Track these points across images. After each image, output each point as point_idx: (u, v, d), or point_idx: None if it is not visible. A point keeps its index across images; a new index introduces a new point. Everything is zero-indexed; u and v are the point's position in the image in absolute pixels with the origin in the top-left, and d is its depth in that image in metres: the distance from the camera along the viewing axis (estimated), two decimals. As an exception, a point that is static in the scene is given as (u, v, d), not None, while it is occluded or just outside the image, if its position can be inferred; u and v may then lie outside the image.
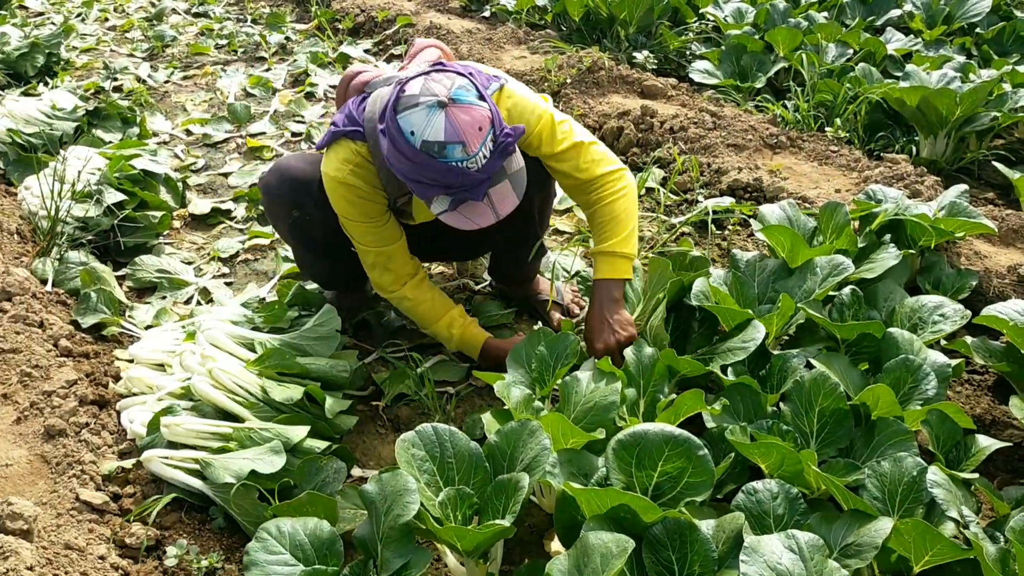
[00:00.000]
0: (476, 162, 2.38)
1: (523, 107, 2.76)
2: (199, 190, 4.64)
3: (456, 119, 2.35)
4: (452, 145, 2.34)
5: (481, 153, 2.38)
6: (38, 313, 3.12)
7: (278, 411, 2.64)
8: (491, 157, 2.42)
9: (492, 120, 2.42)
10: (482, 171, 2.41)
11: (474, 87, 2.44)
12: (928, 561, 1.93)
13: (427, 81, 2.41)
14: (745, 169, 4.28)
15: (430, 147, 2.36)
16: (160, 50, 7.18)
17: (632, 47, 6.46)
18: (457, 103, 2.36)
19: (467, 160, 2.37)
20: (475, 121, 2.37)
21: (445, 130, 2.34)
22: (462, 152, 2.35)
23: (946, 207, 3.33)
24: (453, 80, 2.42)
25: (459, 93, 2.38)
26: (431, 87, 2.39)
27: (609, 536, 1.80)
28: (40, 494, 2.37)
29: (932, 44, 5.79)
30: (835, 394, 2.37)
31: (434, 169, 2.39)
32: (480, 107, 2.40)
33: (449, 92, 2.37)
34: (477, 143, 2.37)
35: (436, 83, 2.40)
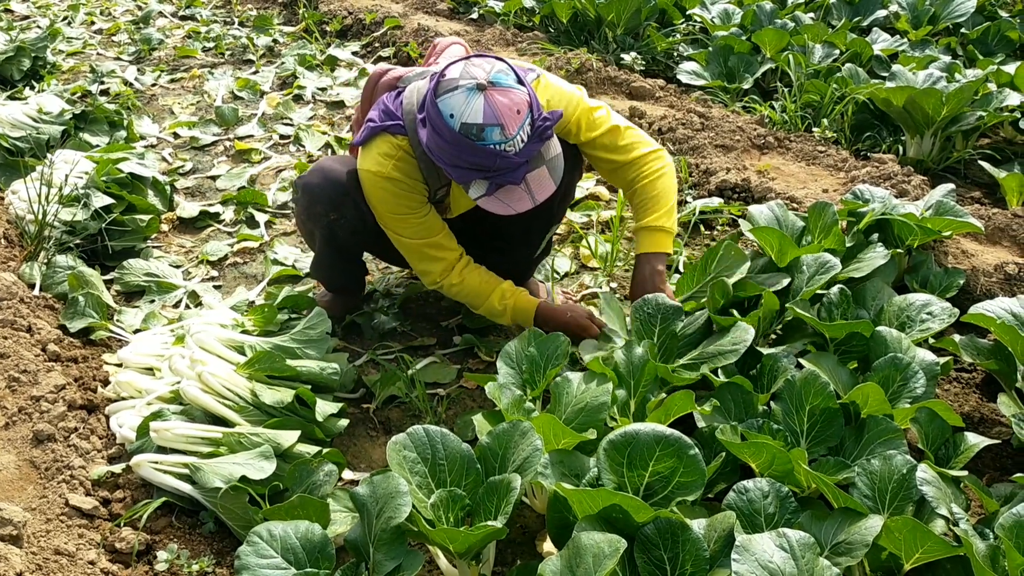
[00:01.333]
0: (514, 145, 2.42)
1: (560, 95, 2.83)
2: (187, 193, 4.62)
3: (495, 102, 2.39)
4: (491, 127, 2.39)
5: (519, 136, 2.42)
6: (26, 318, 3.10)
7: (268, 415, 2.63)
8: (529, 141, 2.46)
9: (531, 104, 2.46)
10: (520, 155, 2.46)
11: (513, 72, 2.48)
12: (918, 558, 1.94)
13: (467, 65, 2.46)
14: (733, 170, 4.30)
15: (469, 129, 2.40)
16: (147, 53, 7.15)
17: (620, 48, 6.47)
18: (497, 86, 2.41)
19: (505, 143, 2.41)
20: (514, 104, 2.40)
21: (484, 112, 2.38)
22: (500, 135, 2.39)
23: (933, 206, 3.35)
24: (493, 64, 2.47)
25: (498, 76, 2.43)
26: (471, 71, 2.44)
27: (601, 536, 1.80)
28: (29, 499, 2.35)
29: (918, 44, 5.82)
30: (825, 393, 2.38)
31: (473, 152, 2.43)
32: (519, 91, 2.44)
33: (489, 75, 2.42)
34: (515, 126, 2.40)
35: (476, 67, 2.45)
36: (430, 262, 2.95)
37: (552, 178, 2.58)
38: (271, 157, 5.00)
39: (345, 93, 5.96)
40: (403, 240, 2.92)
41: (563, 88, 2.87)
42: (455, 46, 3.10)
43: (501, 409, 2.40)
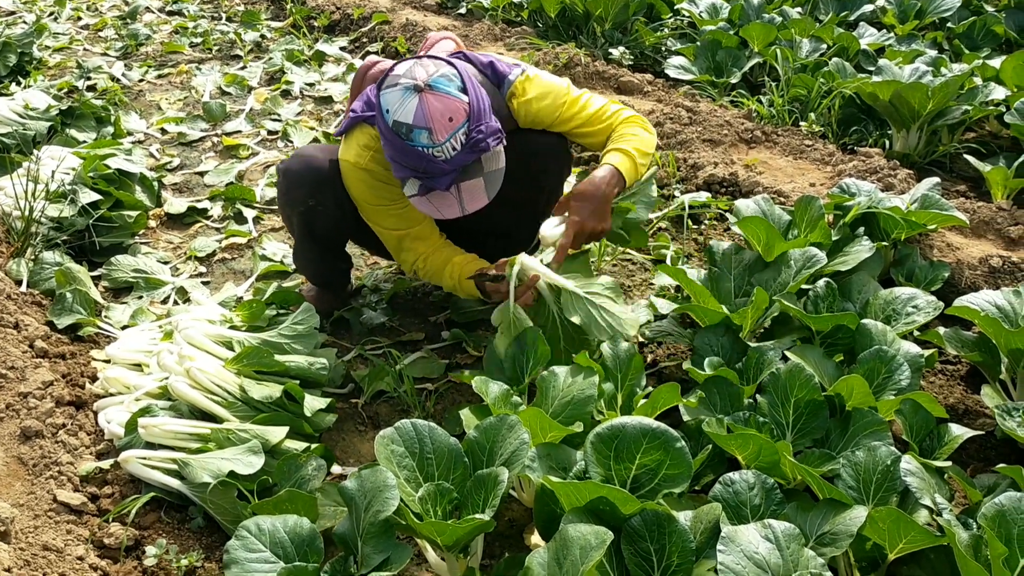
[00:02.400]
0: (443, 152, 2.42)
1: (546, 89, 2.85)
2: (175, 189, 4.61)
3: (428, 105, 2.39)
4: (419, 130, 2.39)
5: (449, 144, 2.42)
6: (13, 314, 3.09)
7: (257, 410, 2.64)
8: (461, 151, 2.45)
9: (469, 114, 2.43)
10: (449, 162, 2.45)
11: (460, 79, 2.46)
12: (902, 548, 1.96)
13: (415, 64, 2.47)
14: (721, 164, 4.31)
15: (399, 128, 2.42)
16: (134, 49, 7.12)
17: (608, 43, 6.47)
18: (434, 90, 2.40)
19: (433, 148, 2.41)
20: (447, 111, 2.39)
21: (415, 114, 2.39)
22: (428, 139, 2.40)
23: (919, 200, 3.37)
24: (439, 68, 2.46)
25: (439, 81, 2.42)
26: (415, 71, 2.44)
27: (588, 528, 1.81)
28: (17, 496, 2.35)
29: (904, 39, 5.84)
30: (810, 385, 2.40)
31: (403, 151, 2.45)
32: (458, 99, 2.42)
33: (428, 78, 2.41)
34: (445, 133, 2.40)
35: (421, 67, 2.45)
36: (408, 252, 2.99)
37: (487, 191, 2.58)
38: (259, 153, 4.99)
39: (333, 88, 5.95)
40: (382, 231, 2.95)
41: (551, 82, 2.89)
42: (445, 40, 3.11)
43: (488, 403, 2.41)
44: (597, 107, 2.91)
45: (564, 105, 2.87)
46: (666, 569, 1.91)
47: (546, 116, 2.88)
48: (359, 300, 3.47)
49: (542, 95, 2.85)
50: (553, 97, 2.86)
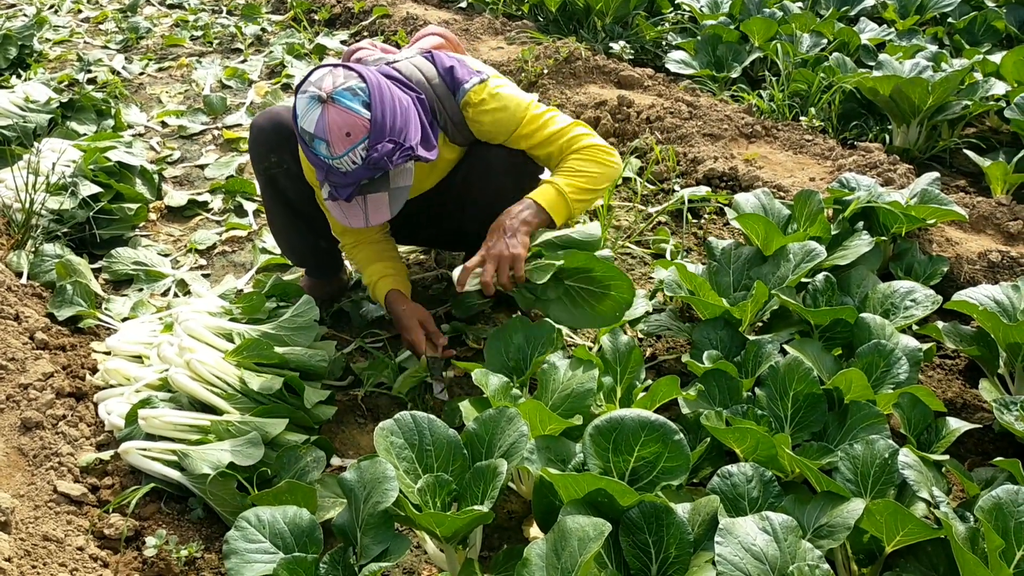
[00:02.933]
0: (343, 164, 2.45)
1: (505, 105, 2.79)
2: (175, 182, 4.62)
3: (327, 118, 2.40)
4: (319, 140, 2.42)
5: (347, 158, 2.43)
6: (13, 306, 3.10)
7: (257, 402, 2.64)
8: (359, 166, 2.46)
9: (369, 131, 2.42)
10: (348, 175, 2.48)
11: (367, 93, 2.44)
12: (900, 541, 1.96)
13: (329, 72, 2.47)
14: (721, 158, 4.31)
15: (304, 134, 2.46)
16: (134, 42, 7.12)
17: (609, 37, 6.47)
18: (335, 103, 2.40)
19: (332, 159, 2.44)
20: (345, 126, 2.40)
21: (316, 124, 2.41)
22: (326, 150, 2.42)
23: (918, 194, 3.37)
24: (348, 80, 2.45)
25: (342, 94, 2.41)
26: (324, 80, 2.44)
27: (586, 520, 1.82)
28: (17, 486, 2.36)
29: (905, 34, 5.84)
30: (809, 379, 2.40)
31: (309, 157, 2.49)
32: (359, 115, 2.42)
33: (333, 90, 2.41)
34: (342, 148, 2.42)
35: (331, 77, 2.45)
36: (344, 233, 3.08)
37: (390, 207, 2.59)
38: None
39: (334, 82, 5.95)
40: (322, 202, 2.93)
41: (511, 95, 2.82)
42: (429, 37, 3.09)
43: (488, 396, 2.41)
44: (557, 127, 2.82)
45: (522, 122, 2.81)
46: (664, 561, 1.92)
47: (500, 130, 2.83)
48: (358, 292, 3.48)
49: (498, 108, 2.79)
50: (511, 111, 2.80)
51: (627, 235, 3.84)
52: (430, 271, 3.66)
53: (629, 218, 4.02)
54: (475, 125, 2.83)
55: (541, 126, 2.81)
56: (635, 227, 3.91)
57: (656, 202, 4.18)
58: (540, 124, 2.81)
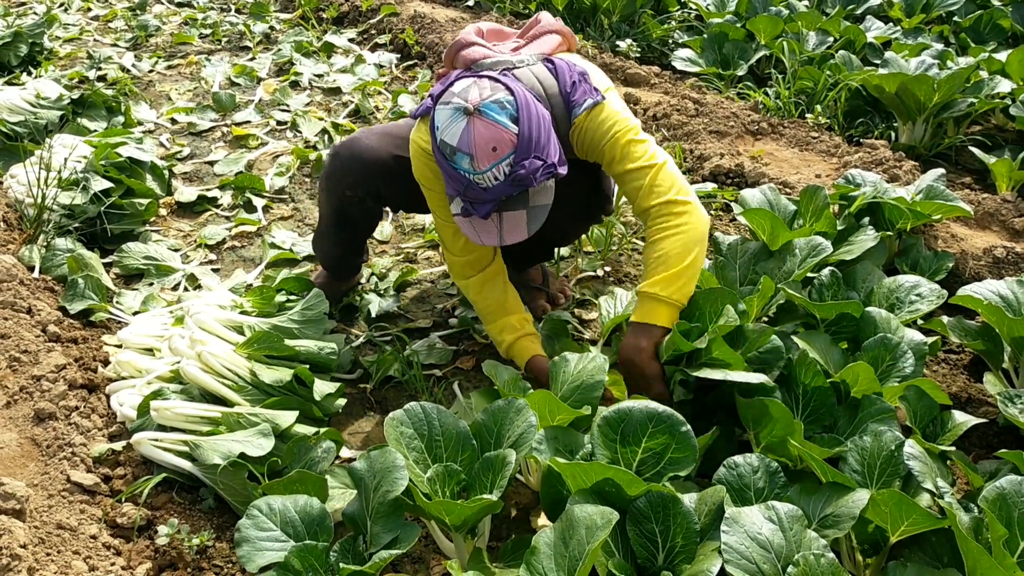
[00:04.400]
0: (484, 180, 2.34)
1: (611, 121, 2.62)
2: (185, 178, 4.65)
3: (473, 131, 2.30)
4: (462, 154, 2.31)
5: (491, 173, 2.33)
6: (26, 299, 3.13)
7: (267, 394, 2.67)
8: (503, 181, 2.35)
9: (516, 147, 2.32)
10: (489, 191, 2.36)
11: (515, 106, 2.34)
12: (904, 531, 1.98)
13: (473, 84, 2.37)
14: (727, 155, 4.33)
15: (444, 147, 2.35)
16: (144, 40, 7.15)
17: (615, 35, 6.49)
18: (483, 116, 2.30)
19: (474, 174, 2.33)
20: (492, 140, 2.30)
21: (460, 137, 2.30)
22: (469, 164, 2.32)
23: (923, 191, 3.38)
24: (495, 92, 2.35)
25: (490, 107, 2.31)
26: (469, 91, 2.34)
27: (594, 509, 1.84)
28: (31, 476, 2.39)
29: (911, 32, 5.85)
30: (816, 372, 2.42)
31: (447, 169, 2.39)
32: (506, 128, 2.31)
33: (480, 102, 2.31)
34: (487, 162, 2.31)
35: (477, 89, 2.35)
36: (458, 252, 2.85)
37: (528, 226, 2.47)
38: (268, 143, 5.02)
39: (342, 80, 5.97)
40: (439, 220, 2.83)
41: (616, 117, 2.64)
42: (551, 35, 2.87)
43: (498, 387, 2.43)
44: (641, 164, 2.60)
45: (609, 143, 2.62)
46: (671, 550, 1.94)
47: (593, 143, 2.66)
48: (368, 287, 3.50)
49: (601, 122, 2.63)
50: (604, 132, 2.62)
51: (634, 231, 3.85)
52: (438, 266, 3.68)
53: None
54: (578, 143, 2.69)
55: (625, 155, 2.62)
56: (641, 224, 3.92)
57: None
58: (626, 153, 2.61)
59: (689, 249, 2.54)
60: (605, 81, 2.75)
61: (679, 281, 2.53)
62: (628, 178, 2.62)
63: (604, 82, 2.73)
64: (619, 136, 2.60)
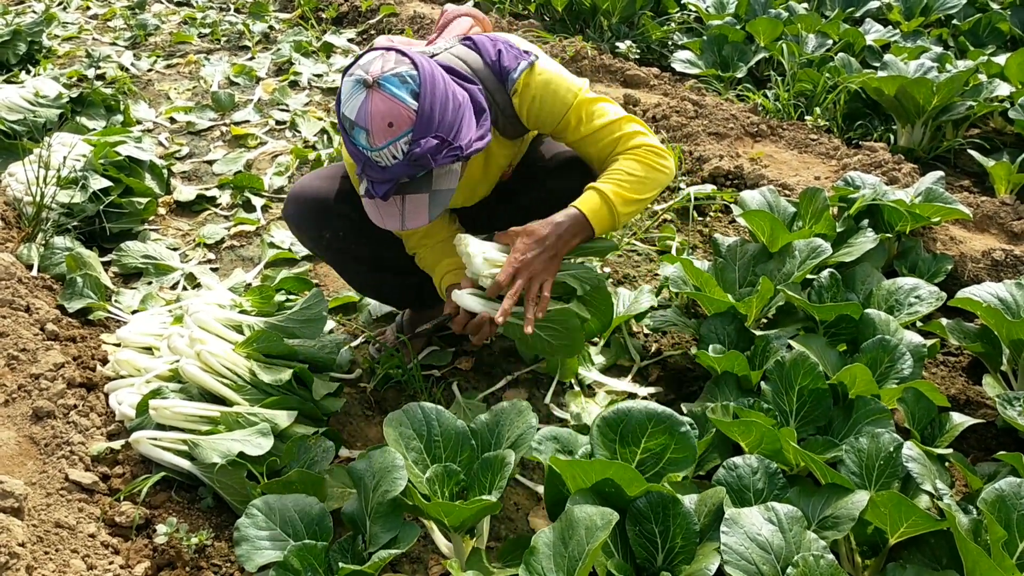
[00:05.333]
0: (382, 158, 2.20)
1: (556, 85, 2.53)
2: (184, 177, 4.64)
3: (370, 105, 2.15)
4: (359, 128, 2.18)
5: (388, 151, 2.18)
6: (24, 297, 3.12)
7: (266, 393, 2.66)
8: (400, 161, 2.20)
9: (414, 124, 2.17)
10: (387, 171, 2.22)
11: (417, 81, 2.18)
12: (903, 532, 1.98)
13: (379, 56, 2.22)
14: (726, 157, 4.33)
15: (345, 121, 2.22)
16: (143, 39, 7.15)
17: (615, 37, 6.50)
18: (382, 89, 2.15)
19: (371, 151, 2.19)
20: (388, 115, 2.15)
21: (358, 110, 2.17)
22: (366, 140, 2.18)
23: (923, 193, 3.39)
24: (398, 65, 2.19)
25: (390, 80, 2.16)
26: (373, 63, 2.19)
27: (594, 509, 1.84)
28: (29, 474, 2.38)
29: (910, 35, 5.86)
30: (814, 373, 2.42)
31: (348, 146, 2.26)
32: (404, 104, 2.16)
33: (380, 75, 2.16)
34: (383, 139, 2.16)
35: (381, 60, 2.20)
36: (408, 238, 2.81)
37: (430, 211, 2.32)
38: (267, 142, 5.02)
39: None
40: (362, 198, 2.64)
41: (560, 79, 2.55)
42: (461, 19, 2.84)
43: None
44: (607, 120, 2.56)
45: (569, 108, 2.53)
46: (670, 550, 1.94)
47: (545, 117, 2.57)
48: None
49: (545, 92, 2.52)
50: (560, 96, 2.53)
51: (632, 232, 3.86)
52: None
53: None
54: (522, 112, 2.56)
55: (589, 115, 2.55)
56: (641, 224, 3.93)
57: (661, 200, 4.20)
58: (589, 113, 2.55)
59: (656, 187, 2.55)
60: (531, 46, 2.63)
61: (631, 205, 2.51)
62: (602, 133, 2.55)
63: (530, 46, 2.62)
64: (580, 101, 2.54)
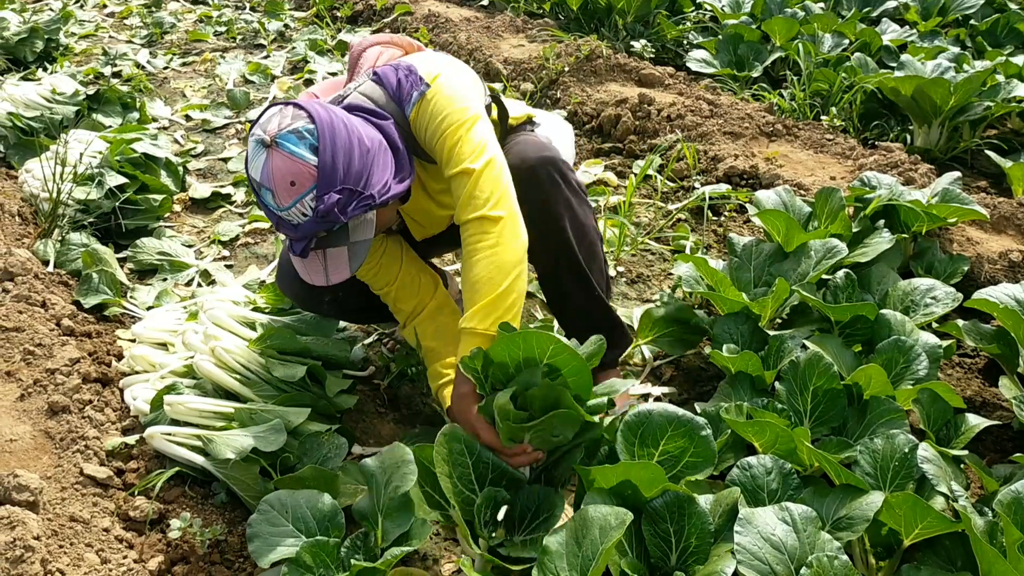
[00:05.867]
0: (292, 216, 2.13)
1: (438, 108, 2.31)
2: (199, 175, 4.67)
3: (272, 165, 2.09)
4: (265, 189, 2.12)
5: (296, 209, 2.11)
6: (40, 293, 3.14)
7: (280, 389, 2.67)
8: (310, 219, 2.13)
9: (317, 180, 2.09)
10: (299, 229, 2.15)
11: (315, 135, 2.10)
12: (918, 534, 1.97)
13: (277, 113, 2.16)
14: (741, 156, 4.32)
15: (252, 182, 2.17)
16: (159, 37, 7.19)
17: (630, 36, 6.49)
18: (280, 148, 2.08)
19: (279, 211, 2.12)
20: (289, 175, 2.08)
21: (262, 171, 2.11)
22: (273, 200, 2.11)
23: (939, 193, 3.37)
24: (295, 121, 2.11)
25: (286, 138, 2.09)
26: (271, 121, 2.14)
27: (608, 509, 1.84)
28: (44, 469, 2.39)
29: (927, 35, 5.83)
30: (829, 374, 2.41)
31: (261, 205, 2.20)
32: (304, 162, 2.08)
33: (277, 133, 2.09)
34: (288, 198, 2.10)
35: (278, 117, 2.14)
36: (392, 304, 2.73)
37: (350, 263, 2.26)
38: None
39: (355, 78, 5.99)
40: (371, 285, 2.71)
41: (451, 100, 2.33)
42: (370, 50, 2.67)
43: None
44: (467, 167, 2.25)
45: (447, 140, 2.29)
46: (684, 550, 1.94)
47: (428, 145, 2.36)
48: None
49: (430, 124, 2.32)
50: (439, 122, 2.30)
51: (647, 231, 3.85)
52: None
53: (649, 214, 4.03)
54: (422, 142, 2.39)
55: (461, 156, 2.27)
56: (655, 223, 3.92)
57: (676, 199, 4.19)
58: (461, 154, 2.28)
59: (504, 273, 2.21)
60: (438, 66, 2.42)
61: (496, 312, 2.21)
62: (453, 186, 2.30)
63: (436, 67, 2.41)
64: (447, 134, 2.28)
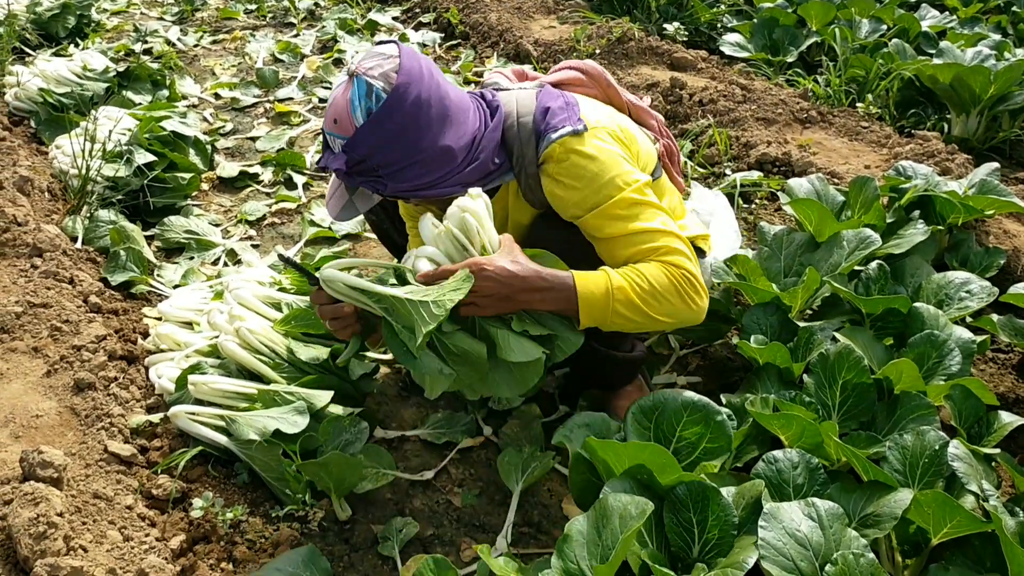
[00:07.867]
0: (327, 138, 2.17)
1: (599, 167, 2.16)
2: (227, 153, 4.67)
3: (339, 92, 2.12)
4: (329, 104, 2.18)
5: (329, 138, 2.15)
6: (68, 269, 3.16)
7: (303, 371, 2.66)
8: (335, 155, 2.13)
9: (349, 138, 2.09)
10: (325, 151, 2.20)
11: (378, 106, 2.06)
12: (947, 533, 1.93)
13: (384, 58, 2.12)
14: (774, 143, 4.26)
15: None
16: (189, 14, 7.20)
17: (662, 18, 6.41)
18: (351, 86, 2.09)
19: (324, 127, 2.17)
20: (338, 112, 2.10)
21: (334, 89, 2.16)
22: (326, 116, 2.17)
23: (976, 185, 3.30)
24: (379, 80, 2.07)
25: (360, 85, 2.07)
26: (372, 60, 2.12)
27: (628, 498, 1.82)
28: (69, 445, 2.41)
29: (967, 22, 5.72)
30: (859, 367, 2.37)
31: None
32: (352, 116, 2.07)
33: (359, 75, 2.09)
34: (330, 125, 2.13)
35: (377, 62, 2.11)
36: None
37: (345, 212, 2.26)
38: (310, 120, 5.03)
39: (385, 58, 5.97)
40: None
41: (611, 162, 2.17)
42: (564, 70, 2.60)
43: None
44: (653, 227, 2.14)
45: (607, 202, 2.14)
46: (706, 542, 1.91)
47: (569, 204, 2.20)
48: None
49: (577, 173, 2.17)
50: (596, 187, 2.15)
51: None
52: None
53: (678, 201, 3.98)
54: (547, 185, 2.22)
55: (630, 215, 2.14)
56: (684, 210, 3.87)
57: (707, 185, 4.14)
58: (631, 213, 2.14)
59: (672, 316, 2.14)
60: (604, 117, 2.30)
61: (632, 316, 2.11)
62: (640, 239, 2.14)
63: (602, 117, 2.29)
64: (623, 197, 2.14)
